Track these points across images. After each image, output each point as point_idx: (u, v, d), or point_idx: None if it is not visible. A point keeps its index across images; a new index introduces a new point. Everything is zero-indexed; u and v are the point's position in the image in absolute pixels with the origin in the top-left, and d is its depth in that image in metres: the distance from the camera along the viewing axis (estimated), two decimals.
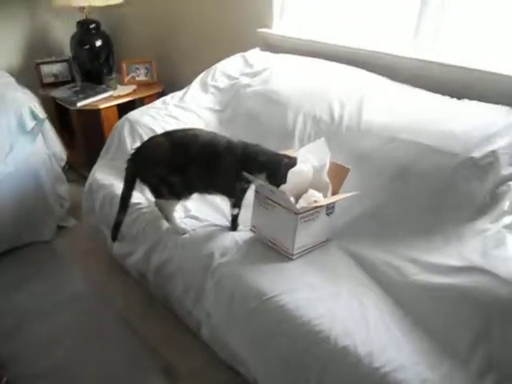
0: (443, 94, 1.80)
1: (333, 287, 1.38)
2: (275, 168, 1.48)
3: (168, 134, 1.65)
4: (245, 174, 1.51)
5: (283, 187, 1.46)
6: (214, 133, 1.64)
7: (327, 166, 1.57)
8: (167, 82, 3.06)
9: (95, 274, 2.20)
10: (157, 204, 1.74)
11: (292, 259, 1.49)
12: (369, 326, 1.26)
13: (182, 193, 1.66)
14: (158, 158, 1.60)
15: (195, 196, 1.71)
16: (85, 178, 2.22)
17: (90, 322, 1.93)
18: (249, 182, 1.58)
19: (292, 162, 1.47)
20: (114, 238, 1.82)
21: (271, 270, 1.46)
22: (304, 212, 1.44)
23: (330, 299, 1.34)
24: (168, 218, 1.70)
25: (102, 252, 2.26)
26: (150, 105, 2.32)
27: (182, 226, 1.69)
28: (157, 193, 1.70)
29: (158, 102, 2.31)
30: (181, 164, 1.59)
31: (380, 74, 1.99)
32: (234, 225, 1.68)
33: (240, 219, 1.69)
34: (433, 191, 1.51)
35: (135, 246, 1.87)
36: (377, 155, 1.67)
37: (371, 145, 1.71)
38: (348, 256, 1.53)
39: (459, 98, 1.76)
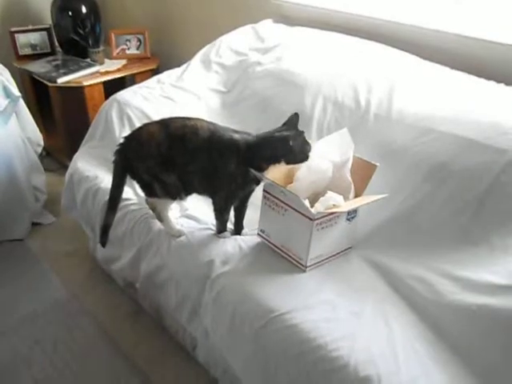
0: (488, 78, 1.77)
1: (353, 305, 1.36)
2: (286, 153, 1.47)
3: (164, 123, 1.62)
4: (252, 171, 1.50)
5: (296, 186, 1.43)
6: (214, 124, 1.61)
7: (350, 162, 1.54)
8: (163, 57, 3.04)
9: (74, 281, 2.19)
10: (148, 202, 1.72)
11: (305, 271, 1.47)
12: (396, 352, 1.23)
13: (177, 193, 1.64)
14: (152, 150, 1.57)
15: (194, 194, 1.68)
16: (65, 168, 2.22)
17: (66, 338, 1.92)
18: (258, 182, 1.56)
19: (299, 132, 1.49)
20: (104, 243, 1.79)
21: (281, 282, 1.44)
22: (320, 218, 1.42)
23: (350, 319, 1.32)
24: (161, 217, 1.68)
25: (83, 255, 2.26)
26: (142, 84, 2.30)
27: (178, 227, 1.68)
28: (148, 191, 1.68)
29: (151, 81, 2.29)
30: (178, 161, 1.57)
31: (414, 53, 1.96)
32: (238, 227, 1.67)
33: (246, 221, 1.67)
34: (475, 194, 1.48)
35: (121, 249, 1.86)
36: (410, 150, 1.65)
37: (403, 137, 1.68)
38: (372, 267, 1.51)
39: (508, 84, 1.73)
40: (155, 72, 2.81)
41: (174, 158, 1.57)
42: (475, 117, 1.61)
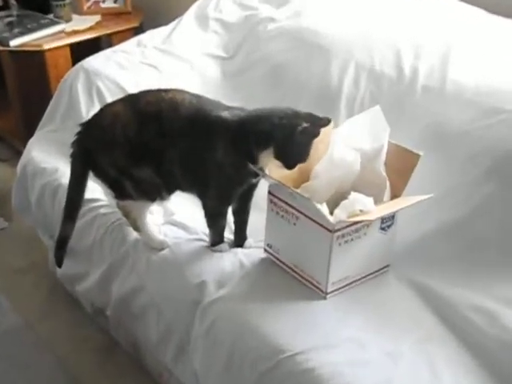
0: None
1: (388, 342, 1.35)
2: (286, 137, 1.44)
3: (131, 100, 1.64)
4: (251, 167, 1.49)
5: (315, 185, 1.42)
6: (200, 97, 1.62)
7: (384, 151, 1.54)
8: (148, 12, 3.07)
9: (30, 306, 2.21)
10: (120, 206, 1.72)
11: (326, 298, 1.46)
12: None
13: (156, 192, 1.65)
14: (117, 135, 1.58)
15: (179, 192, 1.69)
16: (20, 156, 2.22)
17: (17, 379, 1.93)
18: (256, 175, 1.55)
19: (318, 125, 1.45)
20: (59, 262, 1.82)
21: (294, 312, 1.44)
22: (343, 229, 1.41)
23: (386, 362, 1.31)
24: (137, 226, 1.69)
25: (42, 272, 2.28)
26: (118, 47, 2.33)
27: (160, 237, 1.68)
28: (119, 192, 1.69)
29: (130, 43, 2.31)
30: (152, 147, 1.57)
31: (478, 4, 1.95)
32: (239, 237, 1.67)
33: (250, 229, 1.68)
34: None
35: (89, 264, 1.87)
36: (468, 135, 1.65)
37: (460, 118, 1.68)
38: (414, 293, 1.50)
39: None
40: (138, 31, 2.81)
41: (146, 143, 1.57)
42: None
